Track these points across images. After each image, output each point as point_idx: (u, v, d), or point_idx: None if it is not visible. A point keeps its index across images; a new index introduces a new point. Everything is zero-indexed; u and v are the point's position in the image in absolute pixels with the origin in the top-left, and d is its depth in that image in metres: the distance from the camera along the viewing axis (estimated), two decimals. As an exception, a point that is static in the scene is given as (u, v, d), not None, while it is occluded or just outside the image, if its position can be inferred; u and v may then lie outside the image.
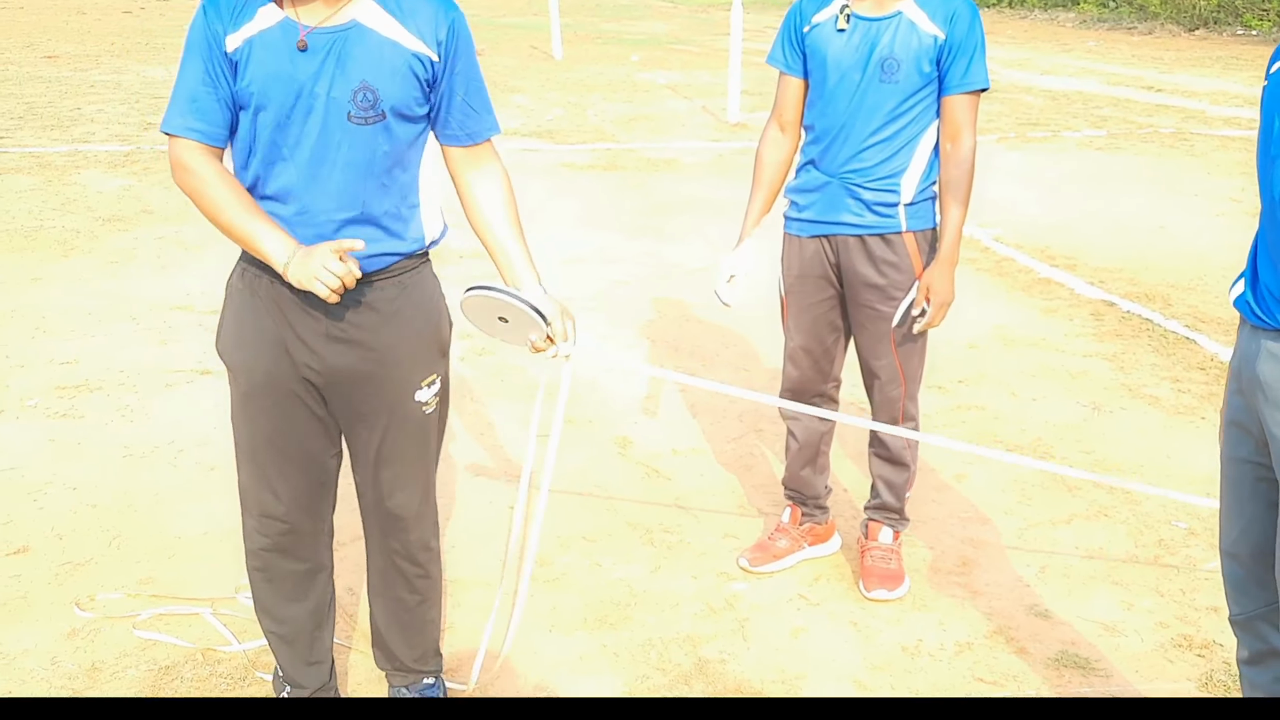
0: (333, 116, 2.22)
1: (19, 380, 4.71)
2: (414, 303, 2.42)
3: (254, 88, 2.20)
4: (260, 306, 2.36)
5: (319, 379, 2.40)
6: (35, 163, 9.04)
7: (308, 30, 2.19)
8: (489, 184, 2.45)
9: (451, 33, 2.28)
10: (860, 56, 3.11)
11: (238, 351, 2.42)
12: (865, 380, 3.43)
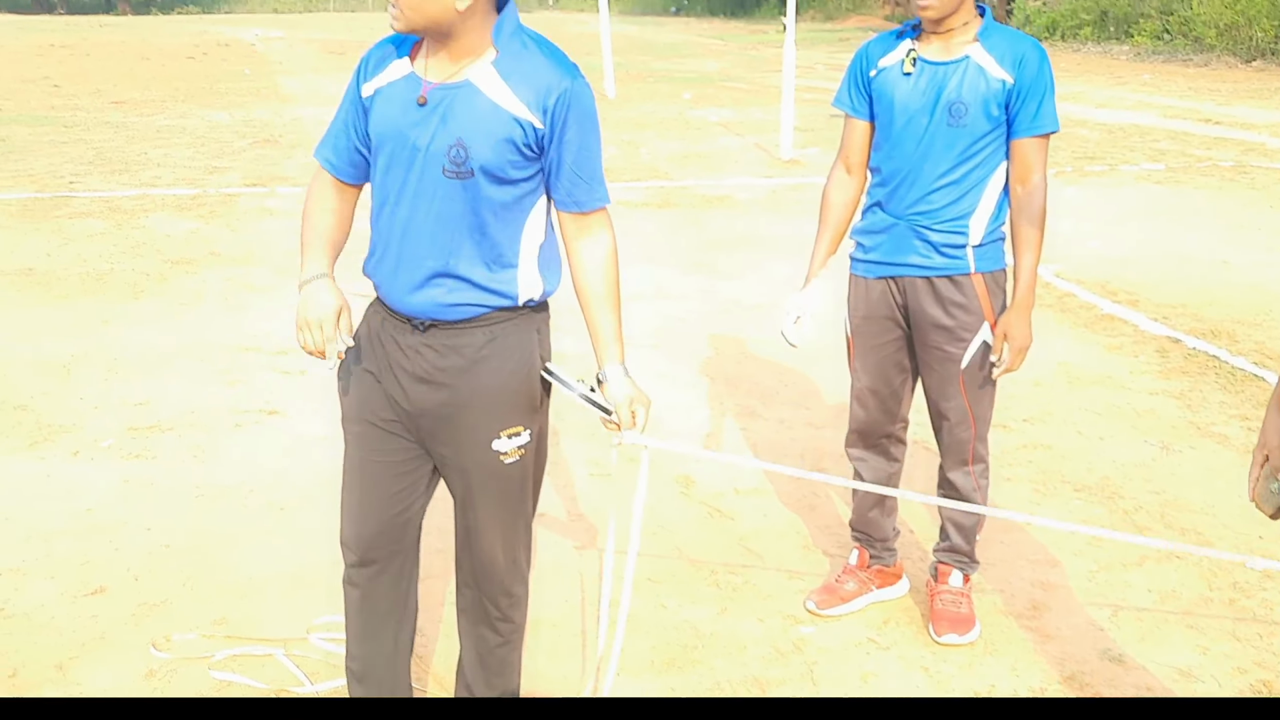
0: (430, 168, 2.31)
1: (94, 422, 4.81)
2: (502, 352, 2.43)
3: (375, 133, 2.37)
4: (371, 340, 2.50)
5: (406, 417, 2.48)
6: (105, 207, 9.26)
7: (431, 86, 2.30)
8: (592, 254, 2.47)
9: (562, 102, 2.30)
10: (927, 100, 3.12)
11: (345, 377, 2.55)
12: (934, 422, 3.42)
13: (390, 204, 2.38)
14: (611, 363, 2.49)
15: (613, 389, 2.48)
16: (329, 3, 76.28)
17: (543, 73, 2.30)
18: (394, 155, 2.34)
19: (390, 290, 2.43)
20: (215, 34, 40.24)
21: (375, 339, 2.48)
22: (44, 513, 3.99)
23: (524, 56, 2.31)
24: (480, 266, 2.38)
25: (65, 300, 6.59)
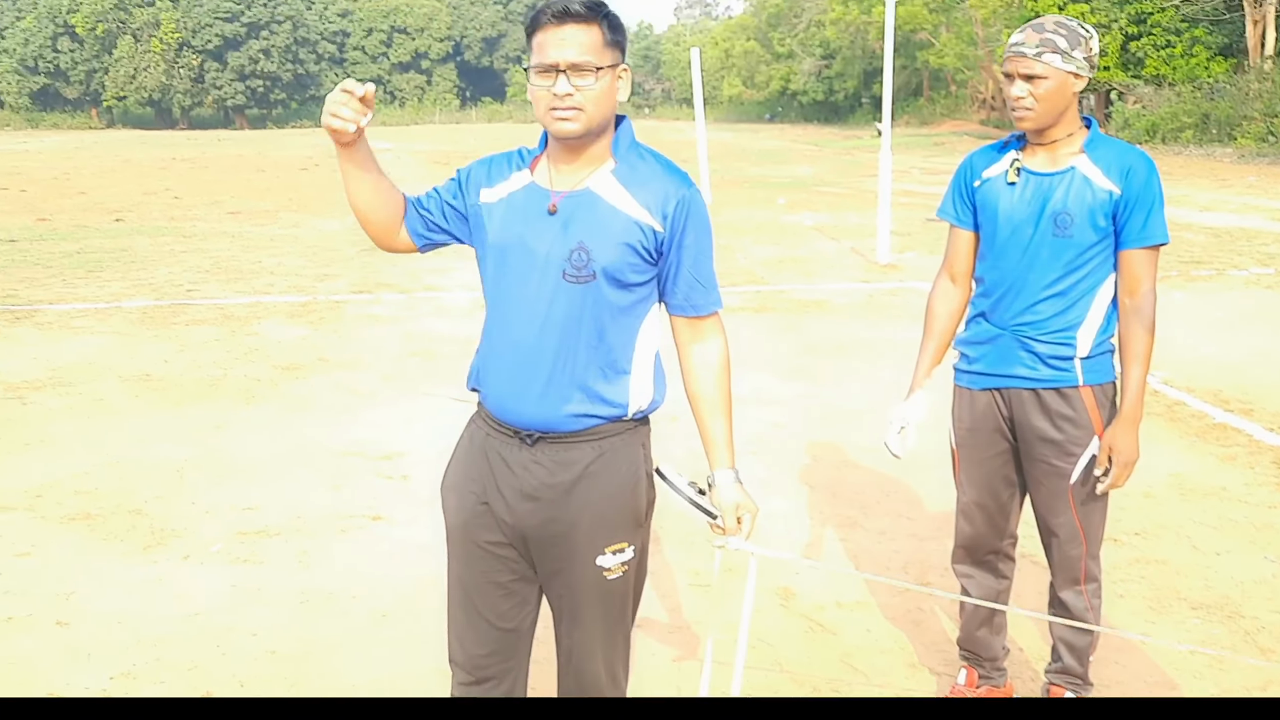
0: (550, 273, 2.35)
1: (204, 526, 4.93)
2: (611, 468, 2.44)
3: (495, 242, 2.42)
4: (474, 456, 2.50)
5: (513, 535, 2.48)
6: (219, 314, 9.62)
7: (560, 195, 2.37)
8: (705, 359, 2.52)
9: (680, 207, 2.39)
10: (1033, 211, 3.12)
11: (449, 493, 2.57)
12: (1043, 538, 3.33)
13: (504, 312, 2.41)
14: (722, 468, 2.50)
15: (722, 494, 2.49)
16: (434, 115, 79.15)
17: (661, 180, 2.39)
18: (512, 262, 2.38)
19: (501, 400, 2.43)
20: (327, 146, 41.91)
21: (480, 455, 2.49)
22: (154, 617, 4.08)
23: (641, 166, 2.41)
24: (595, 374, 2.40)
25: (180, 405, 6.82)
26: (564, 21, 2.29)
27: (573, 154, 2.39)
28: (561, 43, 2.28)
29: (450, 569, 2.59)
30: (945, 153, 32.35)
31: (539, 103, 2.34)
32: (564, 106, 2.30)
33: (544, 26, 2.31)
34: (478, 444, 2.50)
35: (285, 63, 74.64)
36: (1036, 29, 3.03)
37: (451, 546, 2.57)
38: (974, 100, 49.92)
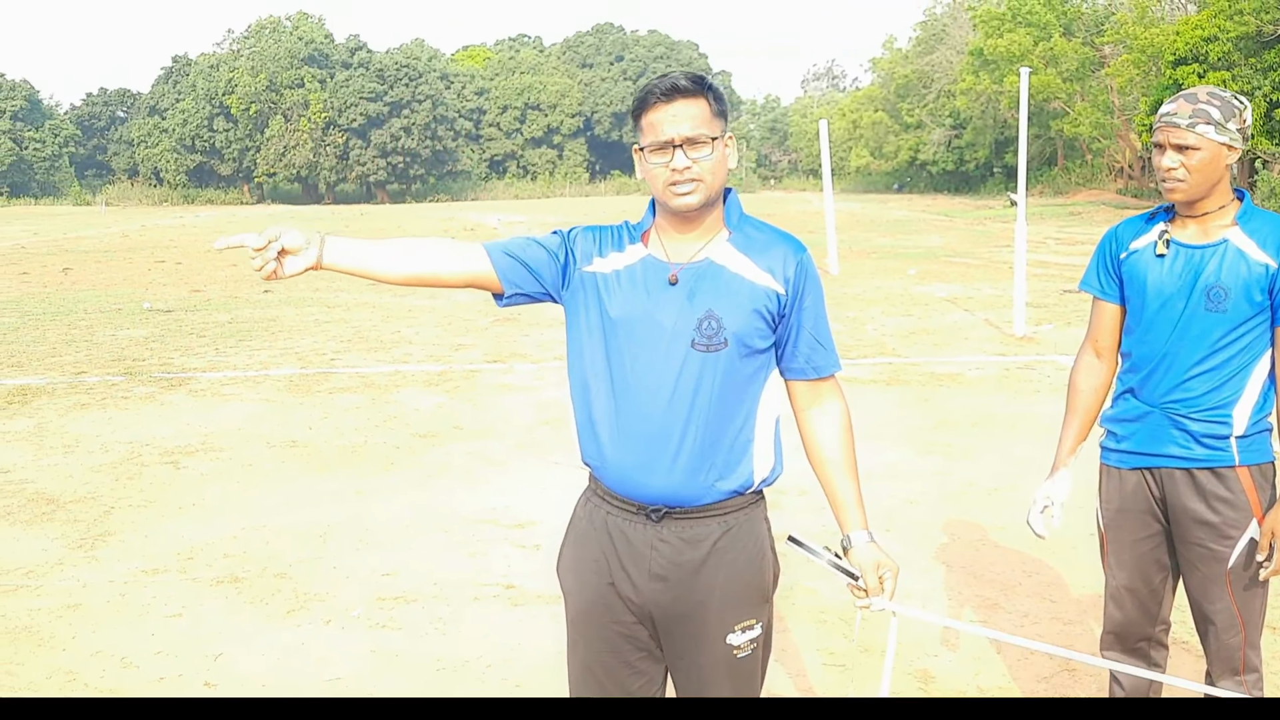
0: (677, 345, 2.36)
1: (345, 591, 5.06)
2: (738, 543, 2.43)
3: (618, 314, 2.40)
4: (595, 535, 2.48)
5: (641, 613, 2.46)
6: (361, 382, 9.93)
7: (679, 267, 2.39)
8: (828, 421, 2.51)
9: (800, 270, 2.42)
10: (1183, 284, 3.03)
11: (570, 575, 2.54)
12: (1198, 625, 3.19)
13: (627, 384, 2.38)
14: (856, 529, 2.49)
15: (859, 554, 2.46)
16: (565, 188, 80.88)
17: (778, 245, 2.43)
18: (639, 334, 2.37)
19: (625, 474, 2.40)
20: (462, 220, 43.23)
21: (601, 533, 2.46)
22: (297, 681, 4.19)
23: (755, 233, 2.45)
24: (723, 444, 2.39)
25: (324, 471, 7.03)
26: (673, 98, 2.33)
27: (688, 225, 2.42)
28: (674, 119, 2.33)
29: (574, 653, 2.55)
30: (1081, 223, 31.66)
31: (656, 180, 2.37)
32: (684, 180, 2.34)
33: (653, 106, 2.35)
34: (598, 523, 2.47)
35: (424, 140, 77.36)
36: (1189, 99, 2.97)
37: (575, 629, 2.53)
38: (1110, 169, 48.82)
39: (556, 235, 2.50)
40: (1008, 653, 4.36)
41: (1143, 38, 36.67)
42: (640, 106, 2.38)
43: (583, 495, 2.56)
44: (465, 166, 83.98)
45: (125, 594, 5.02)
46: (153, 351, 11.79)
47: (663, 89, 2.34)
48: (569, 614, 2.56)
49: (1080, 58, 46.04)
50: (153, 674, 4.23)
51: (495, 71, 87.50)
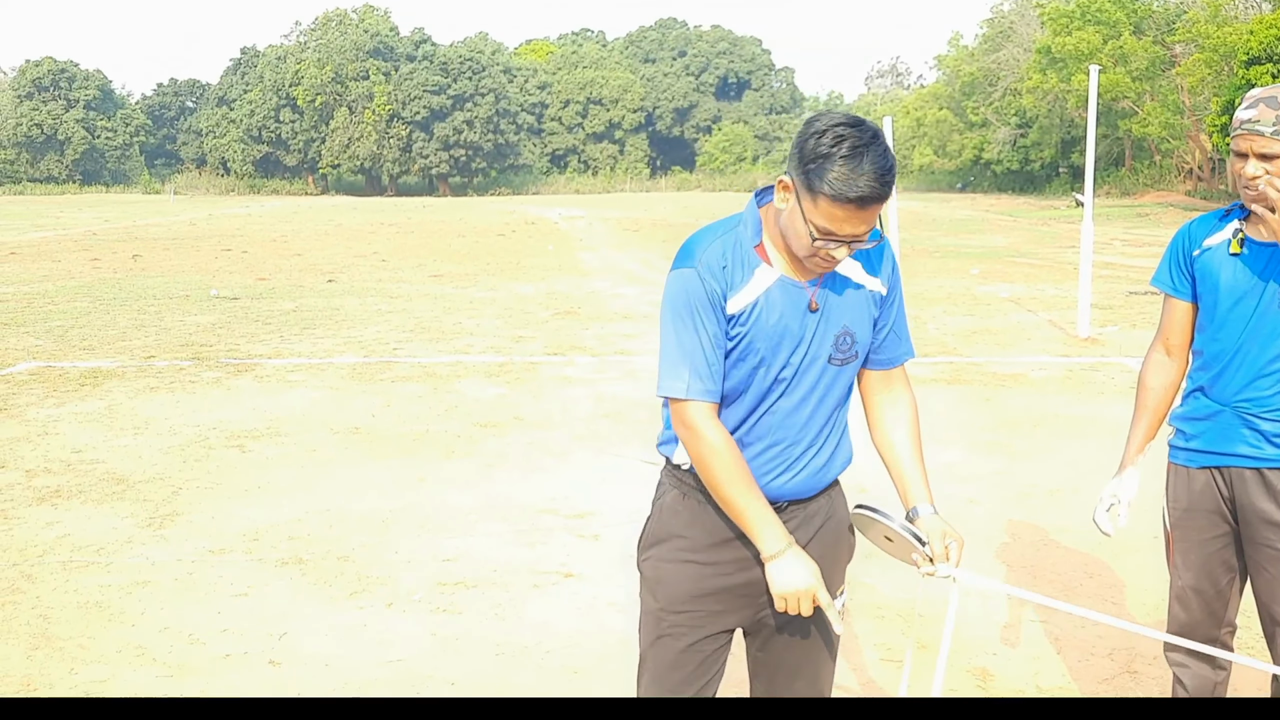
0: (815, 361, 2.39)
1: (407, 575, 5.13)
2: (837, 518, 2.57)
3: (759, 344, 2.34)
4: (707, 526, 2.46)
5: (748, 601, 2.50)
6: (422, 372, 10.04)
7: (815, 290, 2.36)
8: (899, 407, 2.58)
9: (893, 265, 2.47)
10: (1257, 283, 2.99)
11: (663, 564, 2.51)
12: (1265, 628, 3.14)
13: (773, 405, 2.39)
14: (923, 502, 2.53)
15: (926, 523, 2.50)
16: (626, 184, 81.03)
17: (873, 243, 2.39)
18: (778, 356, 2.35)
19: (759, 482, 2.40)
20: (523, 213, 43.51)
21: (700, 527, 2.47)
22: (359, 661, 4.26)
23: None
24: (836, 438, 2.51)
25: (386, 458, 7.13)
26: (868, 205, 2.22)
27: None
28: (856, 221, 2.22)
29: (661, 642, 2.51)
30: (1149, 224, 31.15)
31: (801, 246, 2.28)
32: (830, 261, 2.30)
33: (846, 205, 2.19)
34: (699, 518, 2.46)
35: (487, 133, 77.84)
36: (1270, 104, 2.89)
37: (668, 616, 2.49)
38: (1179, 170, 47.90)
39: (710, 313, 2.32)
40: (1068, 653, 4.33)
41: (1215, 36, 35.95)
42: (829, 193, 2.19)
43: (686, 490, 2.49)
44: (527, 160, 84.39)
45: (193, 573, 5.13)
46: (219, 337, 12.02)
47: (868, 199, 2.19)
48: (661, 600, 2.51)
49: (1150, 56, 45.21)
50: (219, 651, 4.33)
51: (558, 66, 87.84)
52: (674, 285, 2.36)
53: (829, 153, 2.18)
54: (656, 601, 2.53)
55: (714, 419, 2.35)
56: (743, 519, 2.35)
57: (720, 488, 2.34)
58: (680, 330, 2.34)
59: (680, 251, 2.42)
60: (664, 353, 2.37)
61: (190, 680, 4.08)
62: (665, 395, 2.37)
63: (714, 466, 2.33)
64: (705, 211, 42.92)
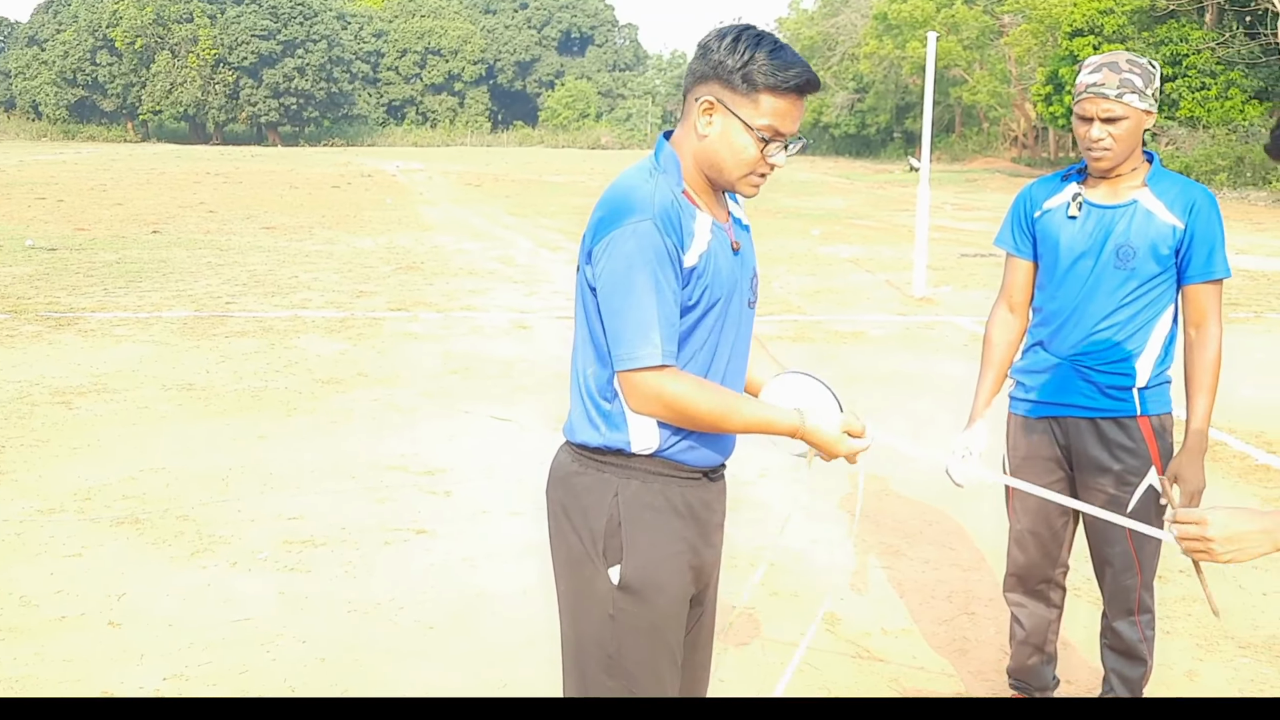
0: (739, 304, 2.36)
1: (251, 534, 4.98)
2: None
3: (717, 293, 2.27)
4: (669, 516, 2.31)
5: (707, 576, 2.45)
6: (259, 326, 9.71)
7: (730, 229, 2.35)
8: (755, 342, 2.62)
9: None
10: (1094, 243, 3.13)
11: (653, 571, 2.30)
12: (1097, 568, 3.34)
13: (715, 354, 2.32)
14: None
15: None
16: (466, 138, 79.77)
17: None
18: (722, 306, 2.30)
19: (707, 442, 2.33)
20: (359, 165, 42.38)
21: (676, 514, 2.32)
22: (205, 621, 4.12)
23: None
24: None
25: (223, 415, 6.88)
26: (804, 95, 2.22)
27: (718, 188, 2.35)
28: (798, 114, 2.24)
29: (660, 639, 2.33)
30: (977, 189, 32.38)
31: (743, 161, 2.23)
32: (765, 176, 2.27)
33: (788, 94, 2.19)
34: (673, 502, 2.31)
35: (319, 81, 75.40)
36: (1113, 69, 3.03)
37: (667, 625, 2.33)
38: (1006, 138, 49.92)
39: (671, 266, 2.19)
40: (910, 596, 4.50)
41: (1041, 8, 37.44)
42: (772, 85, 2.17)
43: (632, 483, 2.30)
44: (362, 111, 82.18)
45: (21, 533, 4.87)
46: (38, 290, 11.37)
47: (808, 86, 2.20)
48: (659, 610, 2.30)
49: (980, 25, 46.83)
50: (53, 613, 4.12)
51: (394, 13, 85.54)
52: (628, 242, 2.16)
53: (753, 53, 2.17)
54: (653, 611, 2.30)
55: (680, 372, 2.21)
56: (752, 423, 2.25)
57: (722, 420, 2.22)
58: (644, 291, 2.15)
59: (616, 205, 2.22)
60: (625, 318, 2.16)
61: (25, 644, 3.88)
62: (636, 366, 2.15)
63: (705, 406, 2.20)
64: (549, 167, 42.67)
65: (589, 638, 2.33)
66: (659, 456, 2.30)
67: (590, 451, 2.32)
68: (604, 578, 2.29)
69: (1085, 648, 3.92)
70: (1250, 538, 2.14)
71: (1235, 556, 2.16)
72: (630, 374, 2.18)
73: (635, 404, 2.21)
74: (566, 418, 2.41)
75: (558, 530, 2.38)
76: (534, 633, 4.09)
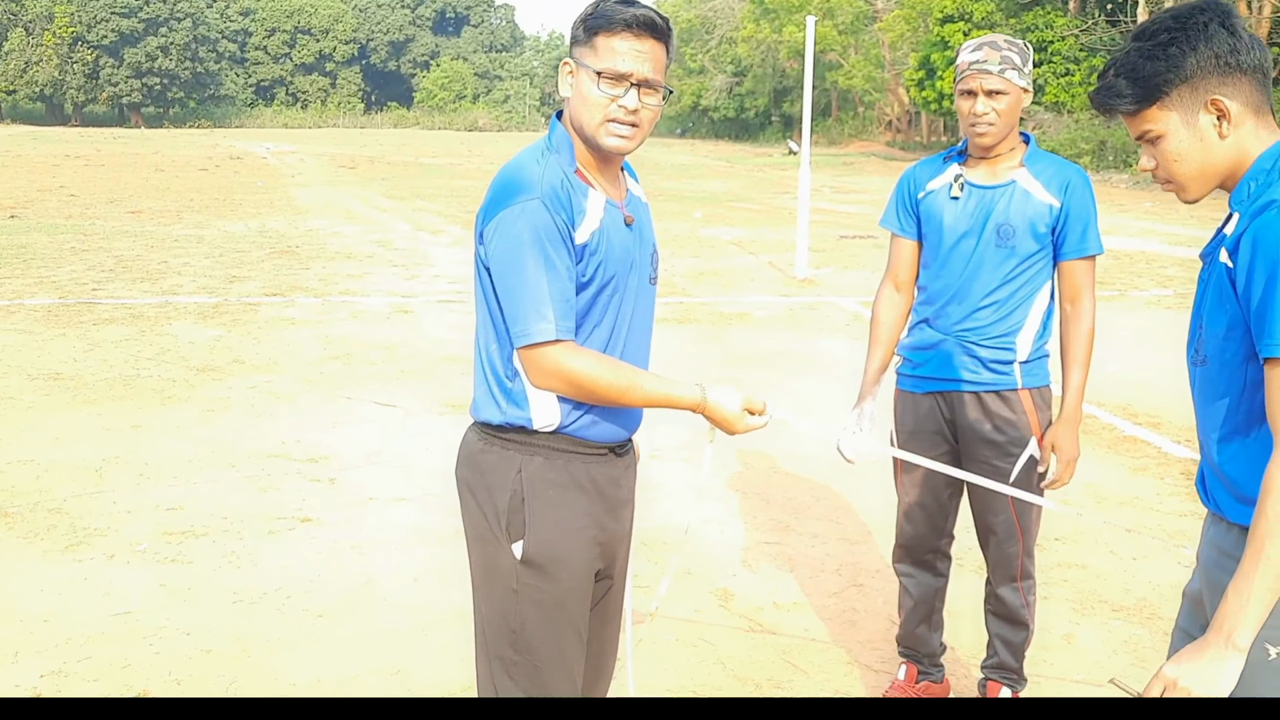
0: (640, 280, 2.37)
1: (128, 525, 4.81)
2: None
3: (612, 269, 2.28)
4: (574, 493, 2.32)
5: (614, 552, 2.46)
6: (128, 314, 9.37)
7: (623, 206, 2.36)
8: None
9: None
10: (976, 222, 3.22)
11: (557, 546, 2.31)
12: (980, 537, 3.44)
13: (619, 332, 2.33)
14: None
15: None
16: (339, 119, 78.09)
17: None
18: (618, 282, 2.30)
19: (613, 417, 2.34)
20: (227, 147, 41.15)
21: (581, 490, 2.32)
22: (82, 616, 3.97)
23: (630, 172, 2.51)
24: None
25: (93, 405, 6.63)
26: (644, 35, 2.21)
27: (611, 164, 2.35)
28: (639, 55, 2.21)
29: (563, 615, 2.34)
30: (854, 172, 33.00)
31: (594, 108, 2.22)
32: (625, 121, 2.23)
33: (620, 32, 2.20)
34: (578, 478, 2.32)
35: (184, 61, 72.92)
36: (993, 47, 3.13)
37: (570, 599, 2.34)
38: (880, 122, 50.94)
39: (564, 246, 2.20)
40: (800, 571, 4.58)
41: (912, -5, 38.22)
42: (602, 22, 2.21)
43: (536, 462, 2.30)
44: (229, 91, 79.79)
45: (-124, 533, 4.62)
46: (-114, 276, 10.77)
47: (639, 20, 2.19)
48: (564, 586, 2.32)
49: (855, 11, 47.59)
50: (-85, 615, 3.92)
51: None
52: (518, 221, 2.18)
53: (595, 6, 2.25)
54: (556, 586, 2.31)
55: (579, 348, 2.22)
56: (654, 398, 2.25)
57: (624, 394, 2.23)
58: (535, 268, 2.17)
59: (505, 185, 2.23)
60: (519, 295, 2.17)
61: (-119, 650, 3.68)
62: (532, 342, 2.16)
63: (606, 380, 2.20)
64: (425, 149, 42.07)
65: (495, 613, 2.35)
66: (562, 433, 2.30)
67: (494, 429, 2.33)
68: (508, 553, 2.31)
69: (971, 615, 4.04)
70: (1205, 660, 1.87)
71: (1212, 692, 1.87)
72: (529, 350, 2.19)
73: (536, 379, 2.23)
74: (472, 398, 2.42)
75: (465, 508, 2.40)
76: (427, 618, 4.04)
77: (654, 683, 3.65)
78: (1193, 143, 1.94)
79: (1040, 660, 3.85)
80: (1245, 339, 1.91)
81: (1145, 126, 1.97)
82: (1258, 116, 1.94)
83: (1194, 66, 1.90)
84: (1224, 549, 2.02)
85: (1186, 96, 1.92)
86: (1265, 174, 1.92)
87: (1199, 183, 2.00)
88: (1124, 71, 1.96)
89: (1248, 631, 1.83)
